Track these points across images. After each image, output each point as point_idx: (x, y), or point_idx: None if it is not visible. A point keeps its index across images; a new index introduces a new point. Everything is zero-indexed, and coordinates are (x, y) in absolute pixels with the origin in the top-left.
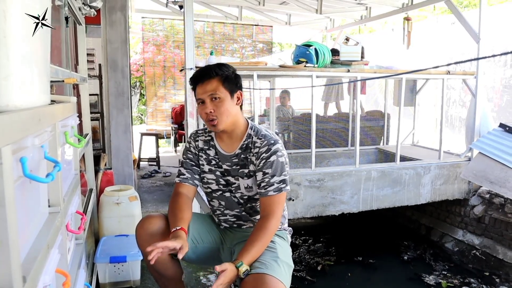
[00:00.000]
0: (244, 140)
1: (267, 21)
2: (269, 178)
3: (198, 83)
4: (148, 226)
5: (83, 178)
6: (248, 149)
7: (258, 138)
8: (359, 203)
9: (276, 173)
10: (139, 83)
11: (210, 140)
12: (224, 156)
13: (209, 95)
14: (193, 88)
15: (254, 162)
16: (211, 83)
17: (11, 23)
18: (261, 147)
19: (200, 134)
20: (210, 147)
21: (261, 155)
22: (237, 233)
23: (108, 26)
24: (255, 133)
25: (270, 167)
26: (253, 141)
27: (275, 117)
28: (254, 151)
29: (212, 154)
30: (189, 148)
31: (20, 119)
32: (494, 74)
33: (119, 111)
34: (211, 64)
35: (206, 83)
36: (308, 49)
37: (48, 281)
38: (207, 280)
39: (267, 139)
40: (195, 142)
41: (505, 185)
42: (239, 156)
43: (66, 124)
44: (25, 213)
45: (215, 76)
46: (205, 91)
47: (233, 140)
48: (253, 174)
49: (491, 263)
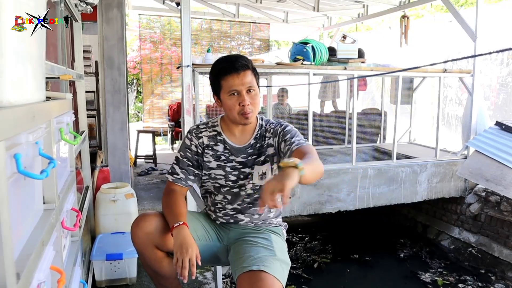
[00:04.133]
0: (257, 130)
1: (264, 19)
2: (290, 140)
3: (230, 73)
4: (144, 225)
5: (79, 175)
6: (262, 137)
7: (271, 124)
8: (355, 201)
9: (294, 135)
10: (136, 80)
11: (217, 135)
12: (237, 149)
13: (247, 87)
14: (217, 76)
15: (272, 142)
16: (248, 74)
17: (4, 19)
18: (275, 127)
19: (203, 129)
20: (217, 142)
21: (277, 130)
22: (232, 230)
23: (105, 23)
24: (265, 122)
25: (288, 133)
26: (266, 129)
27: (272, 115)
28: (269, 134)
29: (221, 149)
30: (189, 146)
31: (14, 116)
32: (490, 72)
33: (116, 108)
34: (238, 54)
35: (243, 74)
36: (305, 46)
37: (42, 278)
38: (204, 278)
39: (278, 122)
40: (198, 139)
41: (501, 183)
42: (254, 146)
43: (62, 121)
44: (19, 210)
45: (251, 68)
46: (243, 83)
47: (245, 132)
48: (269, 159)
49: (487, 261)
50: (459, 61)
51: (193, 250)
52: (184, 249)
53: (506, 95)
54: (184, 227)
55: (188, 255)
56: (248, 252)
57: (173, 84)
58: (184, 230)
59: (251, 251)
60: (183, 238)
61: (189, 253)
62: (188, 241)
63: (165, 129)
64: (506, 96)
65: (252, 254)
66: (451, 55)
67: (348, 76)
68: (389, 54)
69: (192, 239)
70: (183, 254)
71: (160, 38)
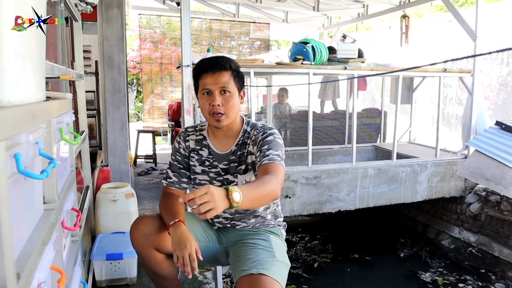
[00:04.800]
0: (240, 136)
1: (264, 19)
2: (264, 152)
3: (207, 72)
4: (142, 227)
5: (79, 175)
6: (244, 144)
7: (255, 130)
8: (355, 201)
9: (272, 148)
10: (136, 80)
11: (203, 139)
12: (220, 155)
13: (220, 87)
14: (196, 76)
15: (252, 150)
16: (224, 75)
17: (4, 19)
18: (257, 134)
19: (191, 132)
20: (202, 147)
21: (258, 138)
22: (231, 233)
23: (105, 23)
24: (251, 127)
25: (266, 144)
26: (250, 135)
27: (272, 115)
28: (250, 141)
29: (205, 154)
30: (178, 149)
31: (14, 115)
32: (490, 72)
33: (116, 108)
34: (220, 55)
35: (219, 74)
36: (305, 46)
37: (43, 278)
38: (204, 278)
39: (263, 128)
40: (185, 142)
41: (501, 183)
42: (235, 154)
43: (62, 121)
44: (20, 210)
45: (229, 69)
46: (216, 82)
47: (228, 138)
48: (251, 168)
49: (487, 261)
50: (459, 60)
51: (192, 245)
52: (182, 245)
53: (506, 95)
54: (180, 223)
55: (187, 250)
56: (247, 254)
57: (173, 84)
58: (180, 226)
59: (251, 254)
60: (180, 234)
61: (187, 248)
62: (186, 237)
63: (165, 129)
64: (506, 96)
65: (252, 257)
66: (451, 55)
67: (348, 75)
68: (389, 53)
69: (189, 234)
70: (182, 251)
71: (160, 37)
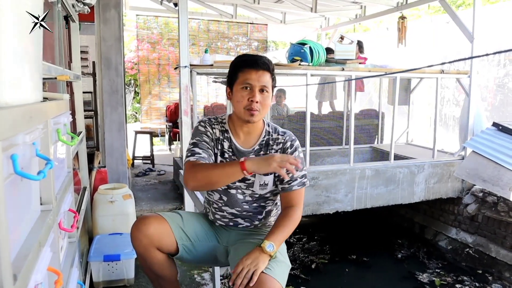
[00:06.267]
0: (263, 136)
1: (262, 19)
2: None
3: (251, 68)
4: (144, 228)
5: (77, 176)
6: (268, 146)
7: (279, 135)
8: (353, 202)
9: (299, 169)
10: (134, 81)
11: (225, 131)
12: (241, 151)
13: (261, 85)
14: (237, 68)
15: None
16: (266, 75)
17: (1, 19)
18: (285, 143)
19: (215, 122)
20: (225, 138)
21: (286, 150)
22: (232, 232)
23: (102, 24)
24: (273, 130)
25: None
26: (273, 138)
27: (270, 116)
28: (277, 147)
29: (226, 146)
30: (205, 132)
31: (10, 116)
32: (487, 73)
33: (113, 109)
34: (259, 54)
35: (262, 72)
36: (303, 47)
37: (40, 279)
38: (202, 279)
39: (288, 135)
40: (212, 129)
41: (498, 184)
42: (257, 153)
43: (59, 122)
44: (16, 211)
45: (271, 71)
46: (259, 80)
47: (251, 136)
48: (271, 173)
49: (484, 261)
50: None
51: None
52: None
53: (503, 96)
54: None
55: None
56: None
57: (171, 84)
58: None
59: None
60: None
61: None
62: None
63: (162, 130)
64: (503, 97)
65: None
66: (449, 56)
67: (346, 77)
68: (387, 55)
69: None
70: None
71: (158, 38)
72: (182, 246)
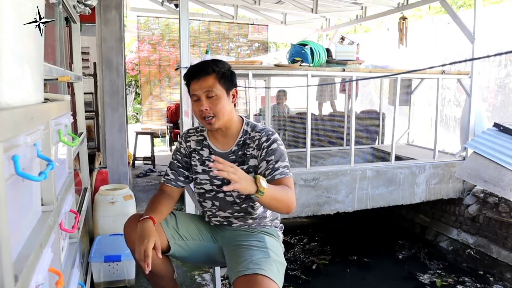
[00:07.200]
0: (241, 136)
1: (263, 20)
2: (273, 164)
3: (193, 79)
4: (136, 225)
5: (78, 177)
6: (245, 145)
7: (256, 132)
8: (354, 202)
9: (279, 159)
10: (134, 82)
11: (203, 139)
12: (220, 154)
13: (205, 91)
14: (187, 84)
15: (256, 154)
16: (207, 79)
17: (3, 20)
18: (260, 138)
19: (192, 133)
20: (203, 147)
21: (262, 144)
22: (227, 232)
23: (103, 25)
24: (251, 128)
25: (272, 154)
26: (250, 136)
27: (271, 116)
28: (253, 145)
29: (206, 154)
30: (179, 149)
31: (12, 117)
32: (488, 74)
33: (114, 110)
34: (206, 60)
35: (202, 79)
36: (303, 48)
37: (41, 280)
38: (202, 279)
39: (265, 131)
40: (186, 142)
41: (499, 184)
42: (236, 153)
43: (60, 123)
44: (18, 212)
45: (212, 73)
46: (201, 88)
47: (228, 138)
48: (252, 170)
49: (485, 262)
50: (457, 63)
51: (150, 241)
52: (141, 240)
53: (504, 97)
54: (149, 220)
55: (144, 246)
56: (242, 256)
57: (172, 85)
58: (147, 222)
59: (246, 255)
60: (143, 230)
61: (144, 244)
62: (147, 232)
63: (163, 131)
64: (504, 98)
65: (247, 258)
66: (450, 56)
67: (347, 77)
68: (387, 55)
69: (152, 231)
70: (139, 246)
71: (159, 39)
72: (174, 245)
